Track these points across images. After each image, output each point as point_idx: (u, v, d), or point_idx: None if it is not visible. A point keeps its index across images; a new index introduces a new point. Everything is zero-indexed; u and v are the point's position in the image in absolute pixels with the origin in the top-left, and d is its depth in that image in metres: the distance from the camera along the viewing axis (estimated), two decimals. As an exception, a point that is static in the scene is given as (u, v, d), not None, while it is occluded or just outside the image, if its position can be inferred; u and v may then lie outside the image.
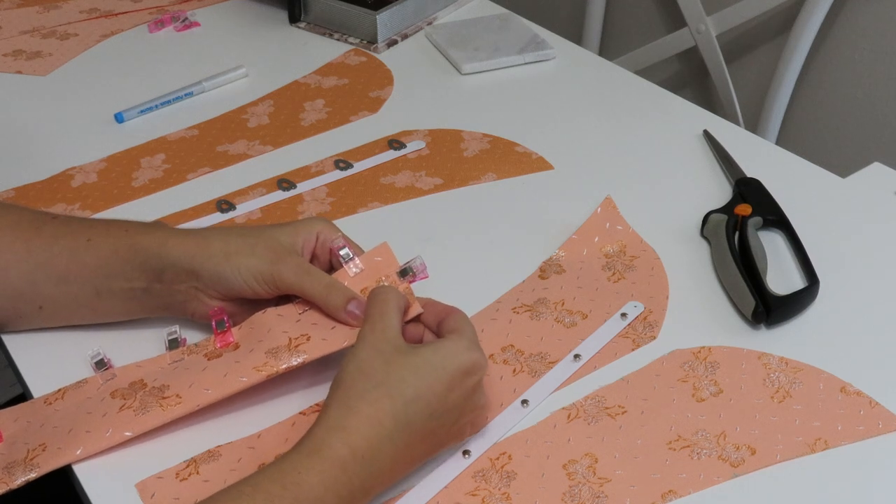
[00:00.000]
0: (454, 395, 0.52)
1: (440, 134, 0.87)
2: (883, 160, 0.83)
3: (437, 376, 0.52)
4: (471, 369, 0.53)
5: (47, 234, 0.61)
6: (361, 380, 0.52)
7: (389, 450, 0.51)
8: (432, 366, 0.52)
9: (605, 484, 0.55)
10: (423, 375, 0.52)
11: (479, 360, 0.54)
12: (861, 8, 1.25)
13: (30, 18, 1.07)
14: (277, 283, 0.58)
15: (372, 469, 0.50)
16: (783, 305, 0.65)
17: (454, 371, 0.52)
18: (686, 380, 0.61)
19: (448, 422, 0.53)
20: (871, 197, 0.78)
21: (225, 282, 0.59)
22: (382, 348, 0.53)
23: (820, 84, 1.35)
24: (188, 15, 1.06)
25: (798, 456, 0.56)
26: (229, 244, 0.59)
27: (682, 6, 1.39)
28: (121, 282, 0.60)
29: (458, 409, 0.53)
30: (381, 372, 0.52)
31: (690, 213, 0.76)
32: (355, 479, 0.49)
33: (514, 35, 1.02)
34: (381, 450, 0.50)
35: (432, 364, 0.52)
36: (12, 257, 0.60)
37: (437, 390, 0.52)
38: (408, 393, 0.51)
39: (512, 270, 0.70)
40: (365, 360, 0.53)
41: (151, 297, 0.61)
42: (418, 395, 0.51)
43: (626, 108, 0.91)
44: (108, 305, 0.62)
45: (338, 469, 0.49)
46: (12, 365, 0.63)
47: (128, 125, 0.88)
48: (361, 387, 0.51)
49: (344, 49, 1.01)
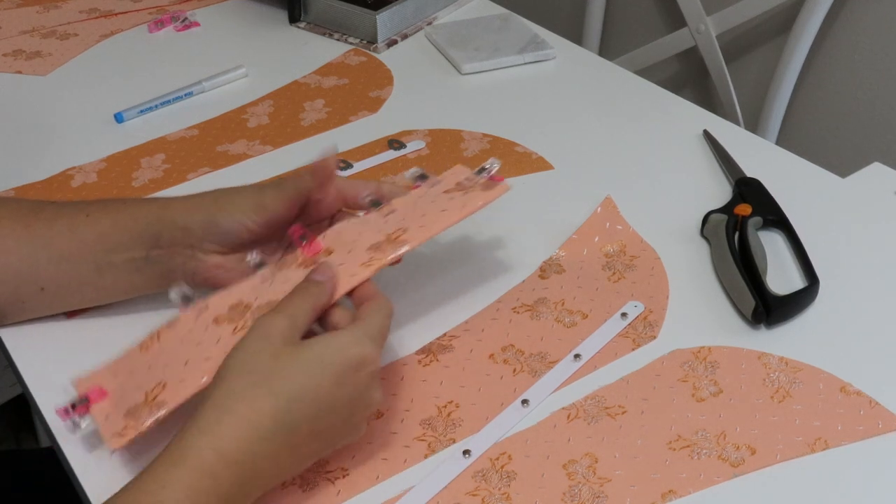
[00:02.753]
0: (344, 391, 0.50)
1: (440, 134, 0.87)
2: (883, 160, 0.83)
3: (325, 372, 0.49)
4: (360, 364, 0.51)
5: (46, 216, 0.62)
6: (243, 376, 0.49)
7: (268, 450, 0.48)
8: (320, 361, 0.50)
9: (605, 484, 0.55)
10: (310, 371, 0.49)
11: (370, 353, 0.51)
12: (861, 8, 1.25)
13: (30, 18, 1.07)
14: (267, 207, 0.60)
15: (246, 473, 0.48)
16: (783, 305, 0.65)
17: (343, 366, 0.50)
18: (686, 380, 0.61)
19: (338, 419, 0.51)
20: (871, 197, 0.78)
21: (216, 227, 0.60)
22: (273, 339, 0.50)
23: (820, 84, 1.35)
24: (188, 15, 1.06)
25: (798, 456, 0.56)
26: (219, 195, 0.62)
27: (682, 6, 1.39)
28: (121, 254, 0.61)
29: (349, 405, 0.51)
30: (265, 368, 0.49)
31: (690, 213, 0.76)
32: (227, 485, 0.47)
33: (514, 35, 1.02)
34: (258, 452, 0.48)
35: (321, 359, 0.50)
36: (13, 242, 0.61)
37: (324, 387, 0.49)
38: (292, 391, 0.49)
39: (512, 270, 0.70)
40: (250, 353, 0.50)
41: (152, 266, 0.61)
42: (304, 394, 0.49)
43: (626, 108, 0.91)
44: (109, 281, 0.62)
45: (207, 478, 0.46)
46: (12, 365, 0.63)
47: (128, 125, 0.88)
48: (241, 384, 0.49)
49: (344, 49, 1.01)
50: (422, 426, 0.58)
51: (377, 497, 0.54)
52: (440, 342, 0.64)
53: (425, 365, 0.62)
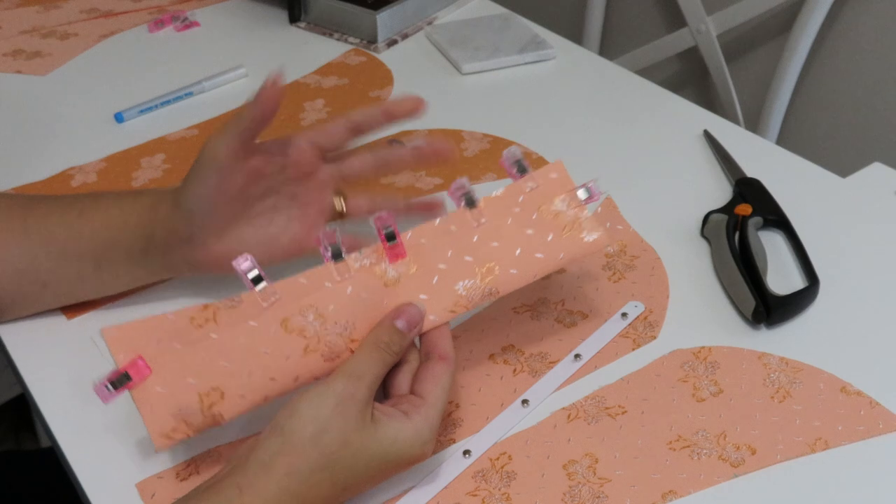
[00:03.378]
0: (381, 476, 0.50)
1: (440, 134, 0.87)
2: (883, 160, 0.83)
3: (383, 467, 0.49)
4: (414, 462, 0.50)
5: (40, 213, 0.62)
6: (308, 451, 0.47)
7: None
8: (384, 457, 0.49)
9: (606, 484, 0.55)
10: (372, 465, 0.48)
11: (427, 454, 0.50)
12: (861, 8, 1.25)
13: (30, 18, 1.07)
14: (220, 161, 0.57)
15: None
16: (783, 305, 0.65)
17: (401, 462, 0.50)
18: (686, 380, 0.61)
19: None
20: (871, 197, 0.78)
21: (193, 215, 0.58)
22: (348, 417, 0.48)
23: (820, 84, 1.35)
24: (188, 15, 1.06)
25: (798, 456, 0.56)
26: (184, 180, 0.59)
27: (682, 6, 1.40)
28: (117, 251, 0.61)
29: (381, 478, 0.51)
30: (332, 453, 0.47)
31: (690, 213, 0.76)
32: None
33: (514, 35, 1.02)
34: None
35: (386, 455, 0.49)
36: (10, 236, 0.60)
37: (372, 475, 0.49)
38: (349, 480, 0.48)
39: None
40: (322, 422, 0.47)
41: (151, 260, 0.61)
42: (358, 481, 0.49)
43: (626, 108, 0.91)
44: (110, 276, 0.62)
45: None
46: (12, 365, 0.63)
47: (128, 125, 0.88)
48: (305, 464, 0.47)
49: (344, 49, 1.01)
50: (422, 426, 0.58)
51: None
52: (440, 342, 0.64)
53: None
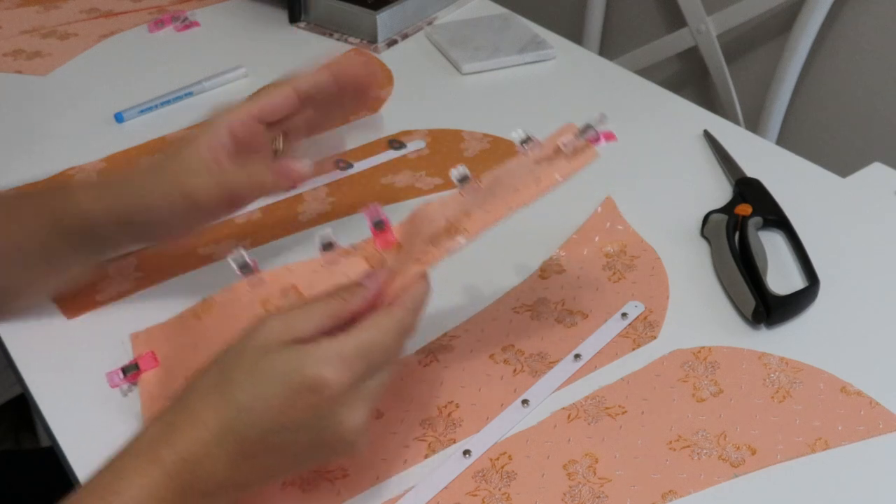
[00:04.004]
0: (296, 413, 0.46)
1: (440, 134, 0.87)
2: (883, 160, 0.83)
3: (275, 389, 0.46)
4: (315, 387, 0.45)
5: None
6: (210, 374, 0.47)
7: (218, 454, 0.46)
8: (273, 375, 0.46)
9: (606, 484, 0.55)
10: (261, 384, 0.46)
11: (331, 377, 0.45)
12: (861, 8, 1.25)
13: (30, 18, 1.07)
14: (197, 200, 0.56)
15: (199, 472, 0.46)
16: (783, 305, 0.65)
17: (295, 387, 0.45)
18: (686, 380, 0.61)
19: (301, 439, 0.47)
20: (871, 197, 0.78)
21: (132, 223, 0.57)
22: (254, 341, 0.47)
23: (820, 84, 1.35)
24: (188, 15, 1.06)
25: (798, 456, 0.56)
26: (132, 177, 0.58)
27: (682, 6, 1.40)
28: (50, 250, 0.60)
29: (307, 428, 0.46)
30: (228, 370, 0.47)
31: (690, 213, 0.76)
32: (180, 482, 0.45)
33: (514, 35, 1.02)
34: (208, 454, 0.46)
35: (274, 373, 0.46)
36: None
37: (273, 404, 0.45)
38: (241, 400, 0.46)
39: (512, 270, 0.70)
40: (229, 352, 0.47)
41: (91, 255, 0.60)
42: (252, 405, 0.46)
43: (626, 108, 0.91)
44: (64, 266, 0.61)
45: (157, 470, 0.45)
46: (12, 365, 0.63)
47: (128, 125, 0.88)
48: (205, 383, 0.47)
49: (344, 49, 1.01)
50: (422, 426, 0.58)
51: (377, 497, 0.54)
52: (440, 342, 0.64)
53: (425, 365, 0.62)
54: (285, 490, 0.54)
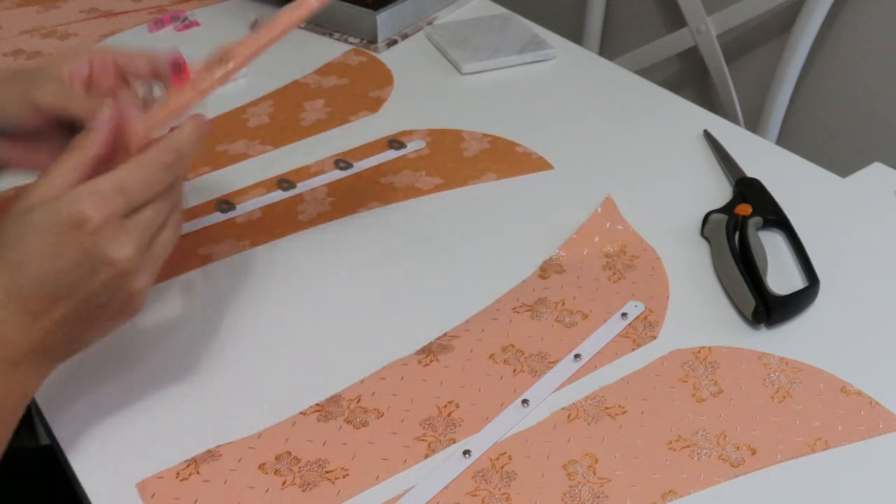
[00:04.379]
0: (68, 256, 0.47)
1: (440, 134, 0.87)
2: (883, 160, 0.83)
3: (40, 240, 0.47)
4: (77, 224, 0.47)
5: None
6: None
7: (10, 318, 0.47)
8: (34, 228, 0.47)
9: (606, 484, 0.55)
10: (27, 240, 0.47)
11: (86, 210, 0.47)
12: (861, 8, 1.25)
13: (30, 18, 1.07)
14: (38, 106, 0.57)
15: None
16: (783, 305, 0.65)
17: (57, 232, 0.47)
18: (686, 380, 0.61)
19: (84, 284, 0.48)
20: (871, 197, 0.78)
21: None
22: (18, 208, 0.48)
23: (820, 84, 1.35)
24: (188, 15, 1.06)
25: (798, 456, 0.56)
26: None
27: (682, 6, 1.40)
28: None
29: (81, 269, 0.47)
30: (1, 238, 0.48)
31: (690, 213, 0.76)
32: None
33: (514, 35, 1.02)
34: (1, 320, 0.47)
35: (34, 226, 0.47)
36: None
37: (45, 255, 0.47)
38: (11, 259, 0.47)
39: (512, 270, 0.70)
40: (11, 215, 0.48)
41: None
42: (25, 261, 0.47)
43: (626, 108, 0.91)
44: None
45: None
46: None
47: (128, 125, 0.87)
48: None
49: (344, 49, 1.01)
50: (422, 426, 0.58)
51: (377, 497, 0.54)
52: (440, 342, 0.64)
53: (425, 365, 0.62)
54: (285, 490, 0.54)
